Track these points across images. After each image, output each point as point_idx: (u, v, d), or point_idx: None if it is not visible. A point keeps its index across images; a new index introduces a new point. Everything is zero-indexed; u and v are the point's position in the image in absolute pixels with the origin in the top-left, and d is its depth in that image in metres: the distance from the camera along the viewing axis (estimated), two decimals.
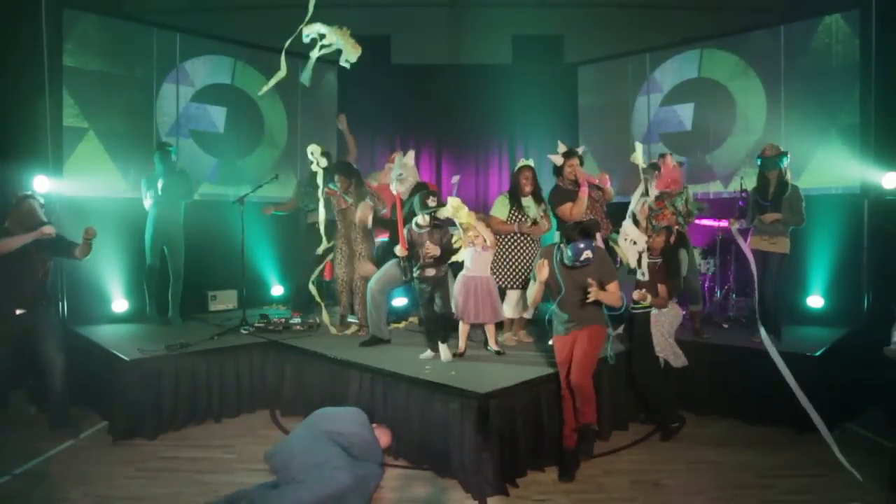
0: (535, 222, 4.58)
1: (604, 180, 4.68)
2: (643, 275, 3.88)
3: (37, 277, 3.94)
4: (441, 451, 3.39)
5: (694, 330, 4.74)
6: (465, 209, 3.96)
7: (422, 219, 4.02)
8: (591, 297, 3.32)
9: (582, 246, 3.30)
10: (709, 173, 6.37)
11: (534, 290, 3.62)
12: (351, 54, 4.17)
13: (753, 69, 6.09)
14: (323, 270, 5.40)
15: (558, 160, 4.66)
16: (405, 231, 4.14)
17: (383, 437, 3.58)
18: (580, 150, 4.83)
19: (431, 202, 3.97)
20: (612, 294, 3.44)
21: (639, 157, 4.12)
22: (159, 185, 5.26)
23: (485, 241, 4.11)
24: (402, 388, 3.68)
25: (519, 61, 7.55)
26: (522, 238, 4.60)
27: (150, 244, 5.34)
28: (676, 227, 4.41)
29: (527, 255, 4.59)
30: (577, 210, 4.48)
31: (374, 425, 3.61)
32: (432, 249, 3.94)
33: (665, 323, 4.05)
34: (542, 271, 3.43)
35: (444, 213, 3.97)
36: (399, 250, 4.11)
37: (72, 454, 3.70)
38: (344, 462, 3.15)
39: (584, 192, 4.47)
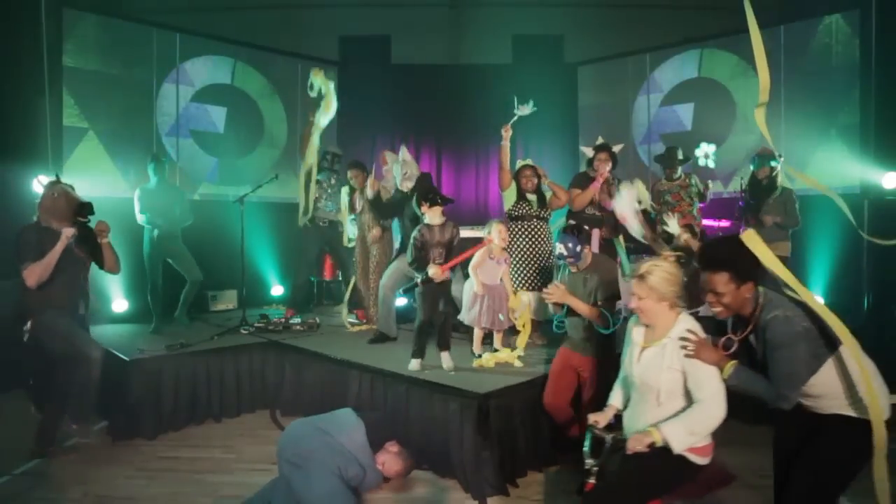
0: (542, 213, 4.54)
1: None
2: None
3: (85, 273, 3.67)
4: (441, 451, 3.39)
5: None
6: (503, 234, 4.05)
7: (437, 217, 3.87)
8: (552, 299, 3.19)
9: (562, 242, 3.21)
10: (709, 173, 6.37)
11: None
12: (325, 113, 4.74)
13: (753, 69, 6.09)
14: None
15: (589, 152, 4.90)
16: (416, 231, 3.93)
17: (391, 463, 3.07)
18: (617, 147, 4.97)
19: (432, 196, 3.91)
20: (588, 307, 3.17)
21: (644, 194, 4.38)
22: (155, 234, 5.15)
23: (501, 254, 4.11)
24: (401, 388, 3.68)
25: (519, 61, 7.55)
26: (534, 235, 4.49)
27: (149, 263, 5.20)
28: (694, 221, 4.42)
29: (539, 252, 4.46)
30: (579, 200, 4.63)
31: (392, 449, 3.13)
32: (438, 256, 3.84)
33: None
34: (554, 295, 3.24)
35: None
36: (435, 273, 3.73)
37: (72, 454, 3.70)
38: (329, 450, 2.92)
39: (594, 186, 4.62)
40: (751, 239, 2.15)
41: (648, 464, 2.15)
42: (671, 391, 2.20)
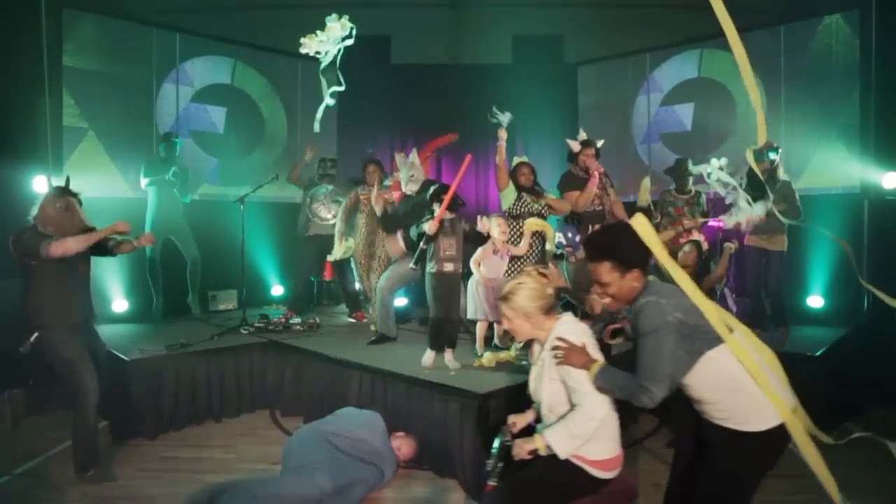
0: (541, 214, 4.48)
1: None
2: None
3: (87, 280, 3.40)
4: (441, 451, 3.40)
5: None
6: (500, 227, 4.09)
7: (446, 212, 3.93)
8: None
9: (562, 232, 3.19)
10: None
11: None
12: (340, 33, 4.38)
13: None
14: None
15: (575, 146, 4.71)
16: (429, 214, 3.97)
17: (405, 447, 3.44)
18: (599, 142, 4.82)
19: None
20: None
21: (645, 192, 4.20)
22: (171, 171, 5.28)
23: (504, 248, 4.13)
24: (401, 388, 3.68)
25: (519, 61, 7.55)
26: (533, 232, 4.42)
27: None
28: (700, 237, 4.38)
29: (538, 250, 4.36)
30: (583, 199, 4.51)
31: (399, 434, 3.49)
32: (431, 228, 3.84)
33: None
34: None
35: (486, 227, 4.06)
36: (429, 227, 3.82)
37: (72, 454, 3.69)
38: (328, 465, 3.04)
39: (593, 182, 4.50)
40: (640, 225, 2.00)
41: (547, 473, 2.13)
42: (556, 402, 2.20)
